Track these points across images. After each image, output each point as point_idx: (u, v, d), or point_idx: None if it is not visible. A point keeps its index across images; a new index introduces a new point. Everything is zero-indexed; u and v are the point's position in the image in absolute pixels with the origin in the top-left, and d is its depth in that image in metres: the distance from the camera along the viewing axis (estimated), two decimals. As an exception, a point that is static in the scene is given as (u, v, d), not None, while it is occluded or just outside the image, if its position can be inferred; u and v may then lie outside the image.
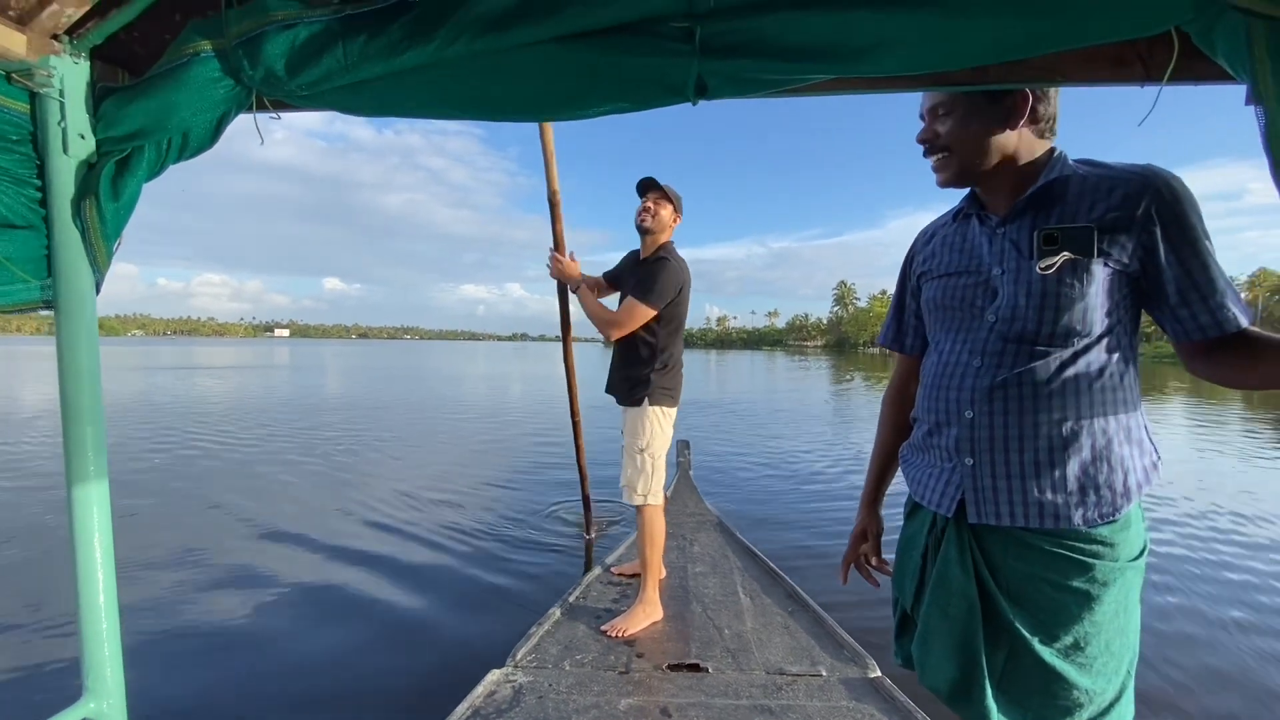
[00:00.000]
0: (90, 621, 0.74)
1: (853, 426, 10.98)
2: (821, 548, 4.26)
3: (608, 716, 1.86)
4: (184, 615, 3.12)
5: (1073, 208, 0.98)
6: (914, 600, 1.17)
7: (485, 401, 15.09)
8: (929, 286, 1.17)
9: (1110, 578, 0.98)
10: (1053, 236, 0.96)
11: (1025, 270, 0.99)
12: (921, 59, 0.75)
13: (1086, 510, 0.97)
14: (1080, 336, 0.97)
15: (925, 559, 1.14)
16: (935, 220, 1.25)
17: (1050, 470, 0.98)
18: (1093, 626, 0.99)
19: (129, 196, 0.85)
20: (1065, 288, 0.96)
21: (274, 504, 5.29)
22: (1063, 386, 0.98)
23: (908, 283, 1.28)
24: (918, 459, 1.18)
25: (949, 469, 1.08)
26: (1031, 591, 1.01)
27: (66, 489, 0.75)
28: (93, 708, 0.75)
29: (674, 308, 2.53)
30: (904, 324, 1.31)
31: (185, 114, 0.82)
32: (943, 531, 1.10)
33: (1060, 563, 0.99)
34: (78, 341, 0.81)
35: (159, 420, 10.09)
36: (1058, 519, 0.98)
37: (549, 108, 0.82)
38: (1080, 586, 0.98)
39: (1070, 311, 0.96)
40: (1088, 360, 0.98)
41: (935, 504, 1.09)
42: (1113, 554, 0.99)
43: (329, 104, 0.85)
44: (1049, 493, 0.98)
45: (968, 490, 1.04)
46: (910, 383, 1.32)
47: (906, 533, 1.22)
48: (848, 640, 2.30)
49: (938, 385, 1.10)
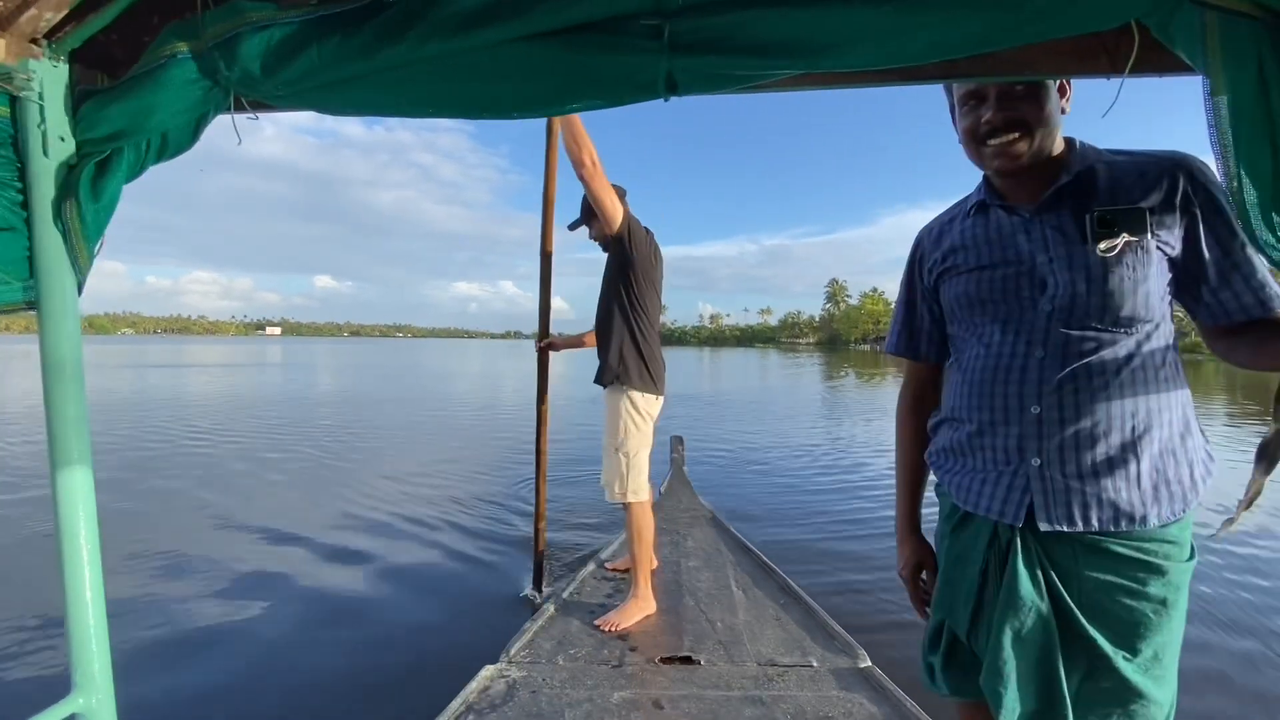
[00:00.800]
0: (77, 617, 0.75)
1: (847, 422, 11.04)
2: (813, 540, 4.30)
3: (601, 710, 1.88)
4: (172, 613, 3.11)
5: (1108, 195, 0.95)
6: (970, 624, 1.05)
7: (481, 397, 15.08)
8: (956, 282, 1.09)
9: (1182, 580, 0.93)
10: (1108, 218, 0.93)
11: (1080, 255, 0.95)
12: (889, 53, 0.77)
13: (1160, 507, 0.92)
14: (1143, 322, 0.93)
15: (984, 576, 1.03)
16: (938, 218, 1.19)
17: (1124, 467, 0.92)
18: (1169, 634, 0.93)
19: (109, 197, 0.86)
20: (1127, 270, 0.92)
21: (267, 501, 5.28)
22: (1132, 376, 0.93)
23: (918, 285, 1.20)
24: (959, 464, 1.07)
25: (1009, 472, 0.98)
26: (1108, 602, 0.93)
27: (51, 485, 0.76)
28: (81, 703, 0.76)
29: (640, 278, 2.51)
30: (916, 329, 1.23)
31: (164, 115, 0.83)
32: (1007, 544, 1.00)
33: (1136, 567, 0.92)
34: (61, 341, 0.82)
35: (154, 416, 10.03)
36: (1133, 520, 0.91)
37: (523, 105, 0.83)
38: (1157, 592, 0.92)
39: (1135, 295, 0.92)
40: (1151, 347, 0.94)
41: (998, 512, 0.99)
42: (1181, 553, 0.93)
43: (306, 104, 0.86)
44: (1124, 491, 0.92)
45: (1036, 494, 0.95)
46: (928, 391, 1.25)
47: (955, 549, 1.09)
48: (839, 631, 2.33)
49: (991, 380, 1.01)
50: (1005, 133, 0.99)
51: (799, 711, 1.85)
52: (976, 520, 1.05)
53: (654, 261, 2.60)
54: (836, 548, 4.17)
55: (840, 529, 4.60)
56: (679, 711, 1.87)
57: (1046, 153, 1.00)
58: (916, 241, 1.23)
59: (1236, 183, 0.75)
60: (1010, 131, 0.99)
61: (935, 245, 1.16)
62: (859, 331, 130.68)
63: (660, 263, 2.66)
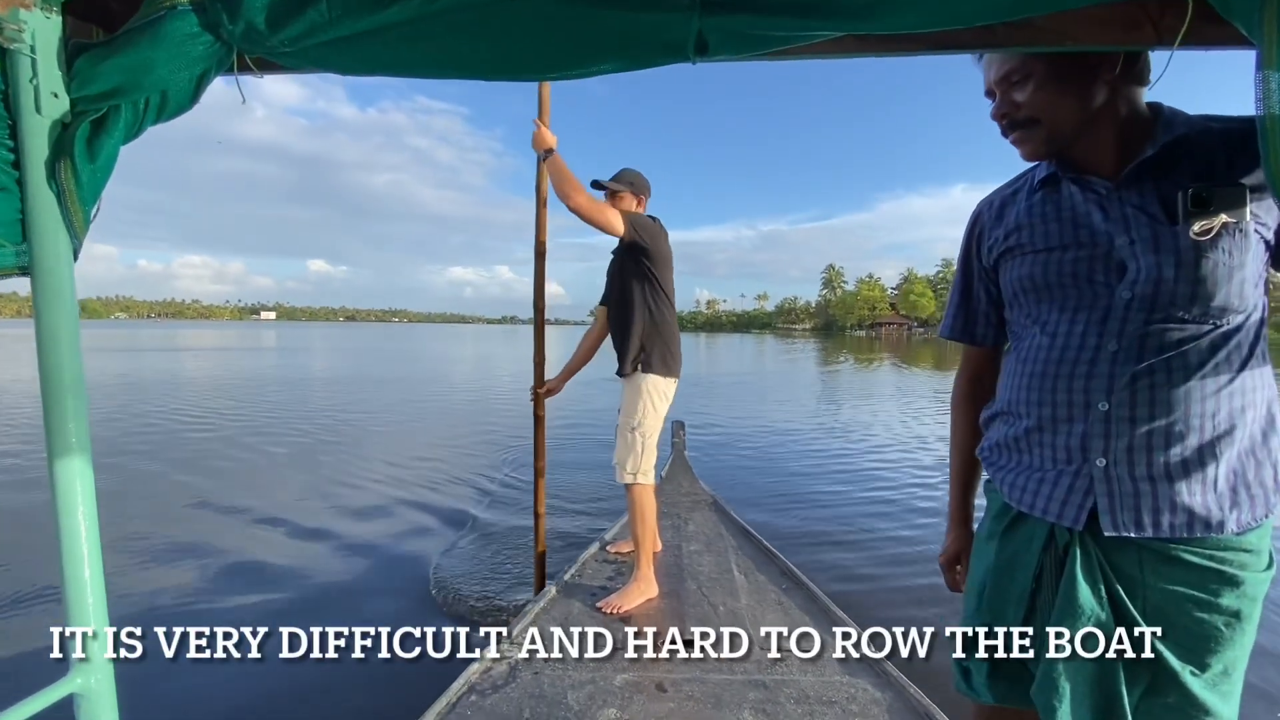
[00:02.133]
0: (76, 596, 0.72)
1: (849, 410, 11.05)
2: (823, 531, 4.30)
3: (603, 692, 1.87)
4: (170, 592, 3.10)
5: (1203, 167, 0.86)
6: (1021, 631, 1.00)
7: (484, 381, 15.06)
8: (1019, 264, 1.01)
9: (1259, 591, 0.87)
10: (1203, 197, 0.84)
11: (1168, 237, 0.86)
12: (929, 13, 0.73)
13: (1240, 513, 0.85)
14: (1235, 312, 0.85)
15: (1038, 581, 0.98)
16: (999, 190, 1.10)
17: (1201, 469, 0.85)
18: (1240, 650, 0.87)
19: (106, 158, 0.81)
20: (1223, 255, 0.83)
21: (279, 484, 5.27)
22: (1215, 371, 0.85)
23: (975, 264, 1.12)
24: (1014, 461, 1.02)
25: (1070, 472, 0.92)
26: (1176, 613, 0.87)
27: (48, 460, 0.73)
28: (79, 683, 0.73)
29: (654, 265, 2.51)
30: (973, 312, 1.15)
31: (162, 72, 0.78)
32: (1064, 549, 0.94)
33: (1209, 577, 0.86)
34: (57, 308, 0.78)
35: (178, 398, 9.98)
36: (1209, 526, 0.85)
37: (543, 67, 0.79)
38: (1230, 604, 0.85)
39: (1229, 283, 0.84)
40: (1239, 340, 0.86)
41: (1056, 514, 0.93)
42: (1258, 563, 0.87)
43: (313, 62, 0.81)
44: (1199, 495, 0.85)
45: (1100, 497, 0.89)
46: (985, 377, 1.18)
47: (1006, 552, 1.03)
48: (842, 617, 2.32)
49: (1054, 374, 0.94)
50: (1011, 130, 0.97)
51: (802, 695, 1.84)
52: (1030, 522, 0.99)
53: (667, 248, 2.59)
54: (842, 535, 4.18)
55: (852, 519, 4.62)
56: (681, 694, 1.86)
57: (1071, 137, 0.94)
58: (974, 216, 1.13)
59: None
60: (1014, 130, 0.97)
61: (997, 221, 1.07)
62: (855, 317, 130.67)
63: (669, 246, 2.65)
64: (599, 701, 1.82)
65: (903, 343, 63.51)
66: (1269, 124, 0.72)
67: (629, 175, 2.63)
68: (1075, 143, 0.95)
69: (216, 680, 2.35)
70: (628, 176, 2.62)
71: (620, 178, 2.62)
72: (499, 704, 1.81)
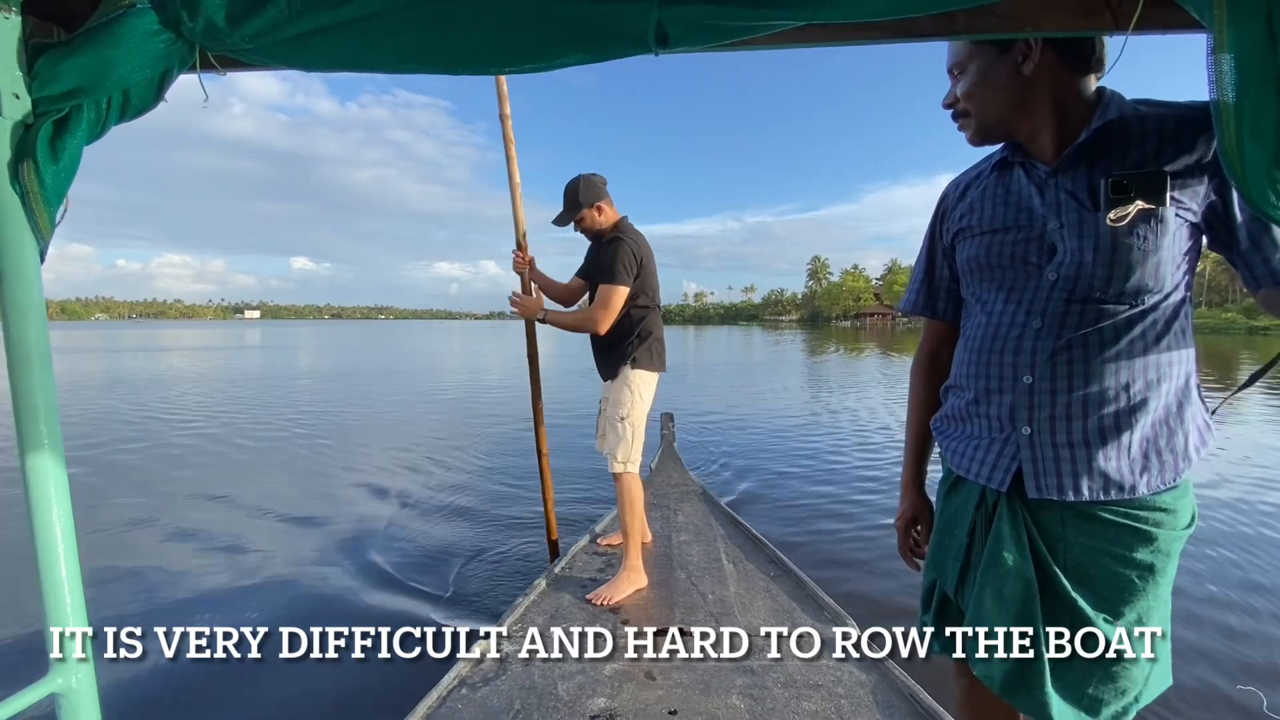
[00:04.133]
0: (53, 595, 0.72)
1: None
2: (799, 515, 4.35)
3: (594, 682, 1.89)
4: (158, 584, 3.08)
5: (1135, 152, 0.90)
6: (958, 583, 1.08)
7: (485, 376, 15.02)
8: (969, 244, 1.07)
9: (1172, 547, 0.93)
10: (1123, 184, 0.88)
11: (1090, 222, 0.91)
12: (887, 2, 0.74)
13: (1150, 477, 0.92)
14: (1150, 293, 0.90)
15: (972, 538, 1.06)
16: (967, 171, 1.15)
17: (1116, 436, 0.92)
18: (1155, 600, 0.94)
19: (69, 159, 0.81)
20: (1138, 240, 0.88)
21: (276, 474, 5.23)
22: (1130, 347, 0.91)
23: (938, 242, 1.18)
24: (958, 430, 1.10)
25: (1001, 439, 1.00)
26: (1093, 567, 0.95)
27: (20, 461, 0.73)
28: (60, 683, 0.73)
29: (640, 282, 2.57)
30: (934, 288, 1.21)
31: (124, 71, 0.78)
32: (993, 507, 1.02)
33: (1124, 534, 0.93)
34: (24, 308, 0.77)
35: (174, 397, 9.88)
36: (1123, 489, 0.92)
37: (503, 60, 0.79)
38: (1144, 558, 0.92)
39: (1143, 267, 0.89)
40: (1155, 318, 0.92)
41: (986, 478, 1.01)
42: (1173, 521, 0.93)
43: (276, 58, 0.81)
44: (1114, 461, 0.92)
45: (1025, 462, 0.96)
46: (942, 350, 1.23)
47: (947, 511, 1.13)
48: (828, 602, 2.35)
49: (989, 350, 1.01)
50: (955, 120, 1.05)
51: (789, 680, 1.87)
52: (967, 485, 1.07)
53: (650, 258, 2.63)
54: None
55: (836, 505, 4.66)
56: (671, 681, 1.88)
57: (1000, 127, 1.00)
58: (942, 196, 1.18)
59: (1235, 140, 0.73)
60: (956, 119, 1.05)
61: (958, 201, 1.12)
62: (840, 308, 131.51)
63: (650, 249, 2.68)
64: (589, 691, 1.84)
65: (887, 332, 63.99)
66: (1222, 108, 0.74)
67: (585, 189, 2.58)
68: (1016, 130, 1.00)
69: (217, 680, 2.35)
70: (587, 193, 2.58)
71: (581, 198, 2.57)
72: (489, 696, 1.82)
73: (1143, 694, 0.96)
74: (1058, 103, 0.96)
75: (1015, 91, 0.96)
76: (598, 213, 2.60)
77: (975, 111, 1.00)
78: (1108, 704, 0.95)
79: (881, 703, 1.75)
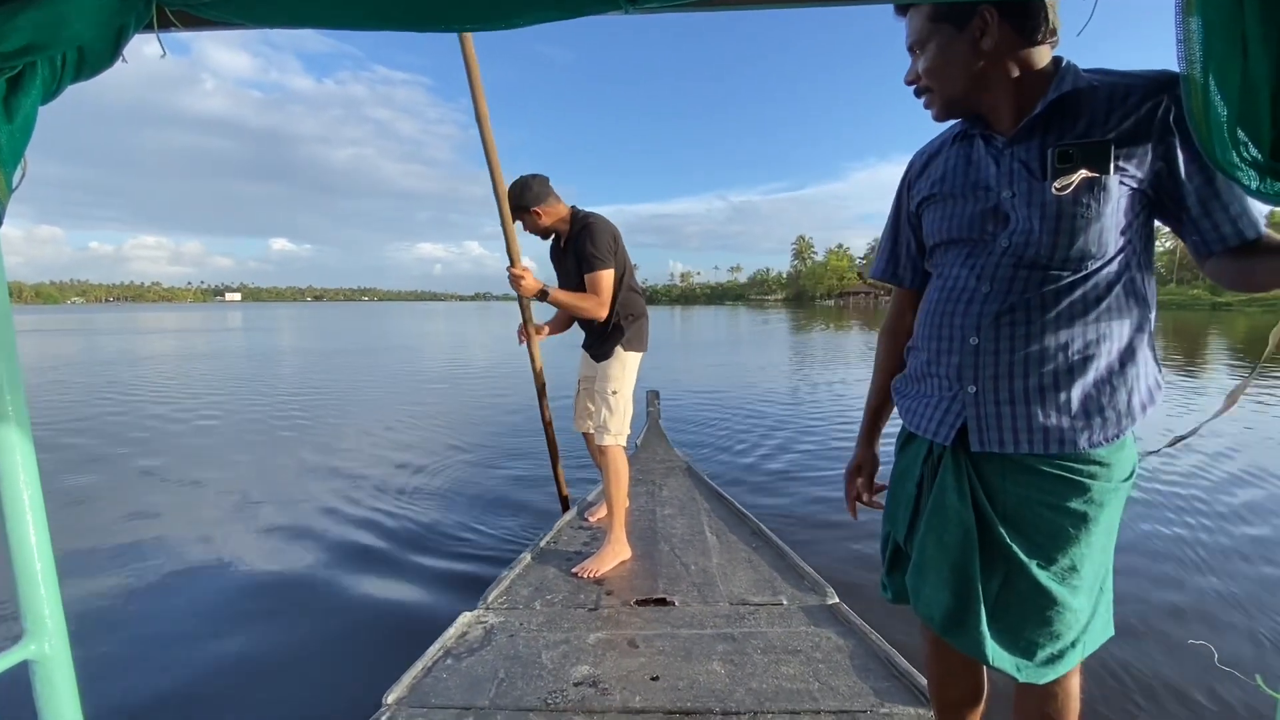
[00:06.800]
0: (23, 562, 0.71)
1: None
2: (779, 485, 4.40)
3: (577, 650, 1.91)
4: (149, 566, 3.07)
5: (1087, 121, 0.92)
6: (908, 532, 1.14)
7: (480, 362, 14.95)
8: (930, 213, 1.10)
9: (1106, 499, 0.97)
10: (1068, 154, 0.90)
11: (1038, 192, 0.94)
12: None
13: (1092, 433, 0.95)
14: (1094, 259, 0.93)
15: (920, 489, 1.12)
16: (930, 142, 1.17)
17: (1055, 394, 0.96)
18: (1088, 548, 0.98)
19: (24, 119, 0.78)
20: (1081, 208, 0.91)
21: (260, 464, 5.19)
22: (1070, 310, 0.95)
23: (903, 211, 1.21)
24: (913, 389, 1.15)
25: (949, 397, 1.04)
26: (1029, 515, 0.99)
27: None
28: (33, 649, 0.73)
29: (619, 259, 2.63)
30: (899, 256, 1.24)
31: (78, 27, 0.74)
32: (939, 460, 1.07)
33: (1059, 485, 0.97)
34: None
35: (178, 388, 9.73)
36: (1063, 443, 0.96)
37: (467, 16, 0.77)
38: (1077, 508, 0.97)
39: (1086, 233, 0.91)
40: (1097, 282, 0.94)
41: (933, 433, 1.06)
42: (1108, 474, 0.97)
43: (234, 14, 0.78)
44: (1054, 417, 0.96)
45: (970, 418, 1.01)
46: (907, 316, 1.25)
47: (900, 465, 1.18)
48: (808, 571, 2.39)
49: (941, 312, 1.06)
50: (918, 96, 1.06)
51: (768, 646, 1.91)
52: (917, 440, 1.13)
53: (622, 246, 2.68)
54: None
55: (815, 472, 4.72)
56: (653, 649, 1.91)
57: (963, 101, 1.02)
58: (908, 165, 1.20)
59: (1202, 100, 0.74)
60: (919, 95, 1.06)
61: (922, 171, 1.15)
62: (824, 287, 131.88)
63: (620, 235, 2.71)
64: (572, 660, 1.86)
65: (870, 310, 64.25)
66: (1190, 70, 0.75)
67: (532, 190, 2.57)
68: (977, 104, 1.02)
69: (196, 652, 2.35)
70: (535, 192, 2.57)
71: (529, 198, 2.56)
72: (474, 666, 1.84)
73: (1080, 640, 1.01)
74: (1016, 76, 0.98)
75: (975, 66, 0.98)
76: (539, 216, 2.60)
77: (937, 88, 1.02)
78: (1042, 646, 1.00)
79: (858, 666, 1.79)
